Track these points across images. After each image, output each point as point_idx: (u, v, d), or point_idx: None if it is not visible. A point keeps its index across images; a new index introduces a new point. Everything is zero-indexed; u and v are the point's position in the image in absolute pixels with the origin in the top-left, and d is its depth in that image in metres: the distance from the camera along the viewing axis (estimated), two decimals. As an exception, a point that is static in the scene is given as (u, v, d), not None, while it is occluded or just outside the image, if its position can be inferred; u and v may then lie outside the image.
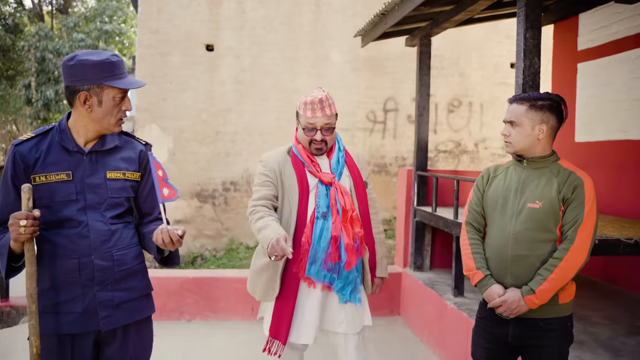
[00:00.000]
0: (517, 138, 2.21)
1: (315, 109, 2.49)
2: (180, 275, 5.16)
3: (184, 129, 8.37)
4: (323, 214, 2.48)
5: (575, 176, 2.15)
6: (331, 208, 2.49)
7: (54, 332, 1.90)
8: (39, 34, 15.05)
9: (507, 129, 2.24)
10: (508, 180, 2.28)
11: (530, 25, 3.14)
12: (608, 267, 4.91)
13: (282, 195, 2.53)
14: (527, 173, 2.23)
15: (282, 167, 2.55)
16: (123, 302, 1.99)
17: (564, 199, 2.13)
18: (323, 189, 2.52)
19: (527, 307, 2.13)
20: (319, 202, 2.49)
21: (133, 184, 2.07)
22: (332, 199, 2.50)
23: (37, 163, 1.91)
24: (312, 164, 2.55)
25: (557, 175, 2.17)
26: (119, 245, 1.99)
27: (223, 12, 8.38)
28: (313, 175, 2.54)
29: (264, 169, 2.57)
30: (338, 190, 2.53)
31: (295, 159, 2.57)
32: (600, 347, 3.23)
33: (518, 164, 2.28)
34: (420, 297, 4.76)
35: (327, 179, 2.52)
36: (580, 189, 2.12)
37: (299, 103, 2.57)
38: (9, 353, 4.36)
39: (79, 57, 1.90)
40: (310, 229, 2.47)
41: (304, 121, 2.52)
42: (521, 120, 2.19)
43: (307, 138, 2.54)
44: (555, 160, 2.23)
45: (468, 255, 2.33)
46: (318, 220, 2.47)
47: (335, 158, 2.61)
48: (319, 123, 2.50)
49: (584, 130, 5.33)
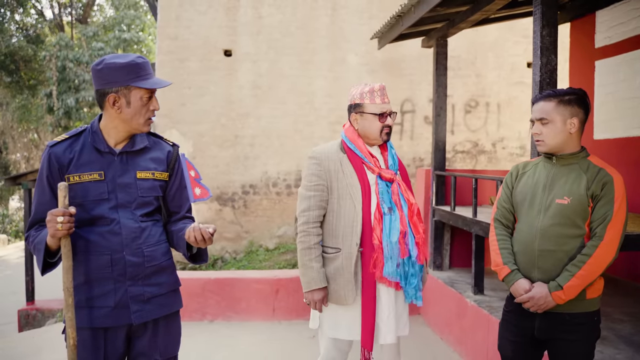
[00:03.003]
0: (549, 135, 2.20)
1: (383, 95, 2.49)
2: (202, 277, 5.25)
3: (203, 133, 8.49)
4: (389, 209, 2.45)
5: (604, 172, 2.15)
6: (395, 203, 2.47)
7: (87, 326, 1.98)
8: (59, 44, 15.35)
9: (538, 127, 2.23)
10: (537, 177, 2.29)
11: (546, 23, 3.17)
12: (630, 264, 4.88)
13: (342, 193, 2.46)
14: (556, 169, 2.24)
15: (338, 165, 2.48)
16: (153, 297, 2.07)
17: (593, 195, 2.14)
18: (383, 184, 2.48)
19: (554, 302, 2.15)
20: (383, 198, 2.46)
21: (161, 183, 2.15)
22: (395, 195, 2.48)
23: (71, 163, 1.99)
24: (371, 160, 2.50)
25: (587, 172, 2.17)
26: (148, 242, 2.06)
27: (240, 17, 8.49)
28: (371, 171, 2.49)
29: (317, 169, 2.49)
30: (400, 185, 2.52)
31: (352, 155, 2.50)
32: (622, 342, 3.22)
33: (547, 160, 2.29)
34: (440, 296, 4.77)
35: (388, 175, 2.49)
36: (610, 185, 2.13)
37: (357, 94, 2.52)
38: (37, 353, 4.48)
39: (106, 61, 1.98)
40: (380, 225, 2.43)
41: (377, 108, 2.47)
42: (552, 116, 2.19)
43: (380, 125, 2.48)
44: (585, 156, 2.23)
45: (496, 251, 2.35)
46: (386, 216, 2.44)
47: (390, 154, 2.59)
48: (388, 108, 2.50)
49: (603, 127, 5.31)
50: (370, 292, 2.41)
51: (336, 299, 2.46)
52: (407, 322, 2.58)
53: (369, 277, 2.41)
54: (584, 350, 2.19)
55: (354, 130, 2.55)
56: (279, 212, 8.52)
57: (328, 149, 2.55)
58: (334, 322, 2.51)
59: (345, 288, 2.42)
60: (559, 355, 2.23)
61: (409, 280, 2.46)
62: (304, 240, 2.46)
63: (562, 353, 2.21)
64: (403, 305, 2.54)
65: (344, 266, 2.43)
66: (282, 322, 5.12)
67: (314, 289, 2.43)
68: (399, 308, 2.52)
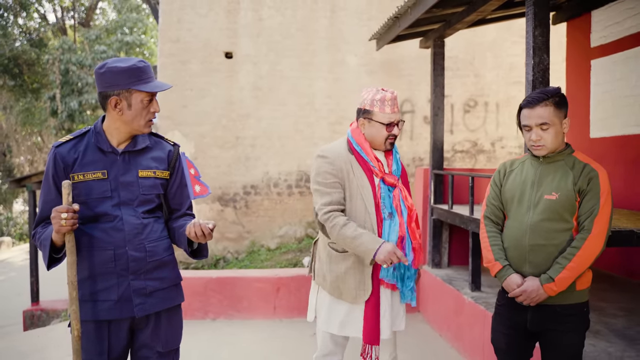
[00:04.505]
0: (550, 139, 2.24)
1: (393, 105, 2.53)
2: (204, 276, 5.33)
3: (204, 134, 8.58)
4: (389, 215, 2.50)
5: (590, 168, 2.23)
6: (395, 209, 2.52)
7: (92, 319, 2.06)
8: (62, 47, 15.47)
9: (538, 133, 2.24)
10: (525, 174, 2.36)
11: (538, 23, 3.23)
12: (626, 261, 4.94)
13: (353, 193, 2.49)
14: (543, 167, 2.31)
15: (349, 165, 2.51)
16: (155, 291, 2.15)
17: (580, 190, 2.21)
18: (385, 189, 2.52)
19: (546, 295, 2.22)
20: (384, 203, 2.50)
21: (163, 181, 2.23)
22: (396, 200, 2.53)
23: (76, 163, 2.08)
24: (377, 164, 2.54)
25: (573, 168, 2.25)
26: (150, 237, 2.14)
27: (240, 20, 8.58)
28: (375, 174, 2.53)
29: (331, 168, 2.50)
30: (402, 191, 2.57)
31: (359, 157, 2.54)
32: (615, 336, 3.28)
33: (534, 158, 2.35)
34: (439, 293, 4.84)
35: (391, 180, 2.54)
36: (596, 180, 2.20)
37: (368, 100, 2.54)
38: (42, 350, 4.56)
39: (108, 65, 2.06)
40: (379, 229, 2.47)
41: (385, 118, 2.50)
42: (553, 120, 2.23)
43: (386, 134, 2.52)
44: (570, 152, 2.31)
45: (487, 248, 2.43)
46: (386, 221, 2.48)
47: (395, 159, 2.63)
48: (397, 118, 2.54)
49: (599, 126, 5.37)
50: (377, 291, 2.49)
51: (346, 297, 2.51)
52: (404, 318, 2.66)
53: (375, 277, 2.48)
54: (575, 341, 2.27)
55: (361, 134, 2.58)
56: (280, 212, 8.60)
57: (337, 148, 2.58)
58: (329, 316, 2.57)
59: (357, 288, 2.48)
60: (551, 346, 2.30)
61: (405, 283, 2.55)
62: (336, 222, 2.42)
63: (554, 344, 2.28)
64: (399, 304, 2.62)
65: (357, 266, 2.48)
66: (283, 320, 5.19)
67: (380, 245, 2.34)
68: (395, 307, 2.59)
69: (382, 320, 2.51)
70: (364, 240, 2.35)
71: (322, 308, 2.61)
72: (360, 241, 2.36)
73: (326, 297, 2.59)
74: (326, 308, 2.59)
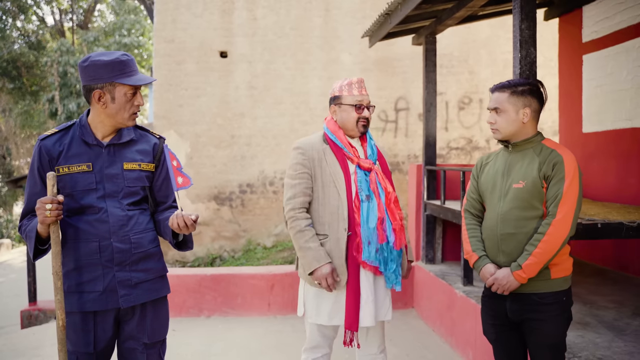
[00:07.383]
0: (503, 124, 2.32)
1: (361, 87, 2.61)
2: (198, 273, 5.34)
3: (200, 133, 8.60)
4: (367, 197, 2.55)
5: (555, 154, 2.24)
6: (373, 191, 2.57)
7: (78, 310, 2.08)
8: (60, 50, 15.52)
9: (493, 116, 2.36)
10: (497, 165, 2.40)
11: (525, 16, 3.24)
12: (619, 254, 4.95)
13: (325, 181, 2.56)
14: (512, 156, 2.35)
15: (322, 154, 2.59)
16: (140, 282, 2.16)
17: (545, 176, 2.23)
18: (362, 173, 2.59)
19: (517, 282, 2.24)
20: (361, 186, 2.55)
21: (148, 174, 2.25)
22: (373, 183, 2.58)
23: (61, 155, 2.10)
24: (351, 150, 2.61)
25: (539, 155, 2.27)
26: (135, 229, 2.16)
27: (235, 19, 8.61)
28: (350, 161, 2.59)
29: (302, 158, 2.58)
30: (378, 174, 2.62)
31: (334, 145, 2.61)
32: (604, 327, 3.30)
33: (505, 149, 2.41)
34: (432, 289, 4.86)
35: (366, 164, 2.60)
36: (560, 165, 2.21)
37: (337, 87, 2.64)
38: (38, 347, 4.58)
39: (91, 59, 2.08)
40: (358, 212, 2.52)
41: (353, 100, 2.58)
42: (505, 106, 2.31)
43: (356, 116, 2.59)
44: (540, 140, 2.34)
45: (466, 240, 2.47)
46: (363, 203, 2.54)
47: (369, 145, 2.69)
48: (366, 100, 2.62)
49: (591, 120, 5.39)
50: (355, 275, 2.50)
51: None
52: (390, 307, 2.65)
53: (354, 260, 2.51)
54: (554, 329, 2.27)
55: (334, 122, 2.66)
56: (276, 211, 8.62)
57: (312, 139, 2.66)
58: (316, 308, 2.59)
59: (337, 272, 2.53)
60: (531, 336, 2.31)
61: (388, 265, 2.55)
62: (294, 225, 2.54)
63: (533, 333, 2.29)
64: (385, 291, 2.62)
65: (332, 251, 2.52)
66: (278, 316, 5.21)
67: (320, 266, 2.45)
68: (380, 293, 2.60)
69: (364, 306, 2.51)
70: (310, 254, 2.47)
71: (309, 301, 2.63)
72: (306, 253, 2.49)
73: (311, 289, 2.61)
74: (313, 300, 2.61)
